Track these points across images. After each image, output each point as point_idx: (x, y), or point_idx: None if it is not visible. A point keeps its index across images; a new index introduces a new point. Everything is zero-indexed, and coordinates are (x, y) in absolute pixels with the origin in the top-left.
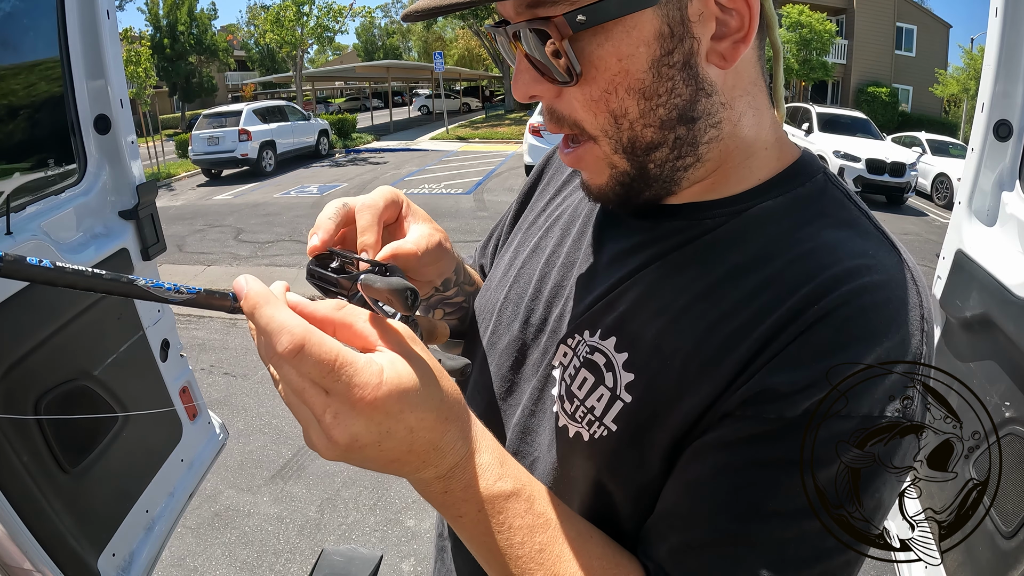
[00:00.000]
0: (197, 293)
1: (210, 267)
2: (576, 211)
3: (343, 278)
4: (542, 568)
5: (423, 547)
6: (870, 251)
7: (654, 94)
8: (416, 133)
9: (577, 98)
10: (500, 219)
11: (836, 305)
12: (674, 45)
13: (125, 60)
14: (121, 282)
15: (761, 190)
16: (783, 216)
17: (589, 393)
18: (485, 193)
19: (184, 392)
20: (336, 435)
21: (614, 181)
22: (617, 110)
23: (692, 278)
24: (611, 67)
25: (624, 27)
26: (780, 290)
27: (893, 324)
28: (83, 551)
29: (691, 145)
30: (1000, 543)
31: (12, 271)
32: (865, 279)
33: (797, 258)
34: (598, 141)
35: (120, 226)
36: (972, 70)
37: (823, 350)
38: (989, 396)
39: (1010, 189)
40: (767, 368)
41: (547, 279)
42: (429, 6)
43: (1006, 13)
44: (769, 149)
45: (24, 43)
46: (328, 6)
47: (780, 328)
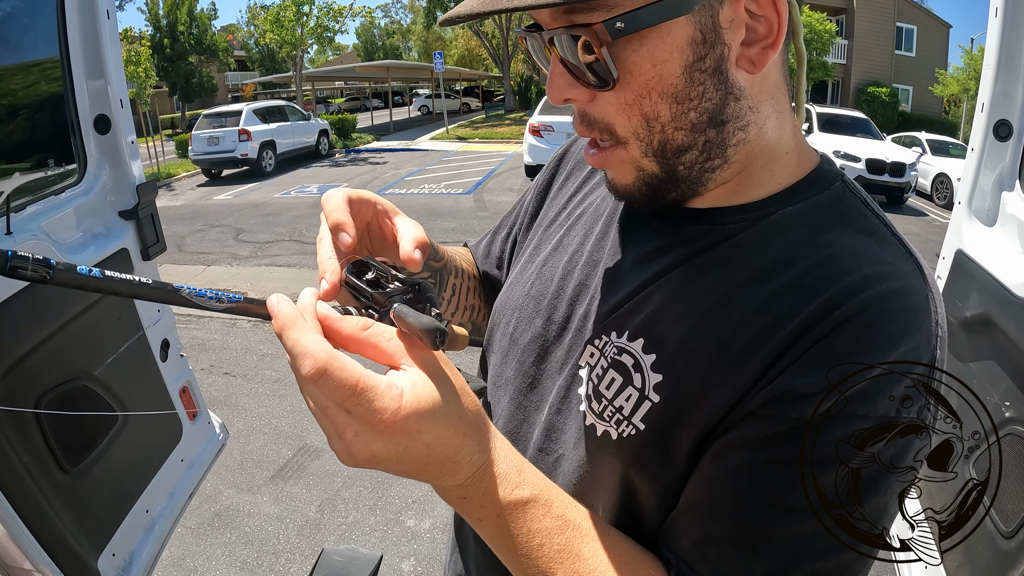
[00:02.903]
0: (237, 301)
1: (210, 267)
2: (599, 209)
3: (378, 294)
4: (561, 567)
5: (423, 547)
6: (887, 258)
7: (686, 98)
8: (416, 133)
9: (611, 102)
10: (513, 210)
11: (855, 311)
12: (706, 51)
13: (125, 60)
14: (167, 290)
15: (782, 196)
16: (803, 223)
17: (617, 393)
18: (485, 193)
19: (184, 392)
20: (356, 451)
21: (641, 182)
22: (650, 113)
23: (715, 282)
24: (646, 72)
25: (659, 33)
26: (801, 295)
27: (909, 330)
28: (83, 551)
29: (720, 148)
30: (1000, 543)
31: (63, 280)
32: (883, 286)
33: (817, 264)
34: (628, 144)
35: (120, 226)
36: (972, 70)
37: (842, 354)
38: (989, 396)
39: (1010, 189)
40: (789, 371)
41: (570, 277)
42: (471, 11)
43: (1006, 13)
44: (790, 153)
45: (24, 43)
46: (328, 6)
47: (801, 332)
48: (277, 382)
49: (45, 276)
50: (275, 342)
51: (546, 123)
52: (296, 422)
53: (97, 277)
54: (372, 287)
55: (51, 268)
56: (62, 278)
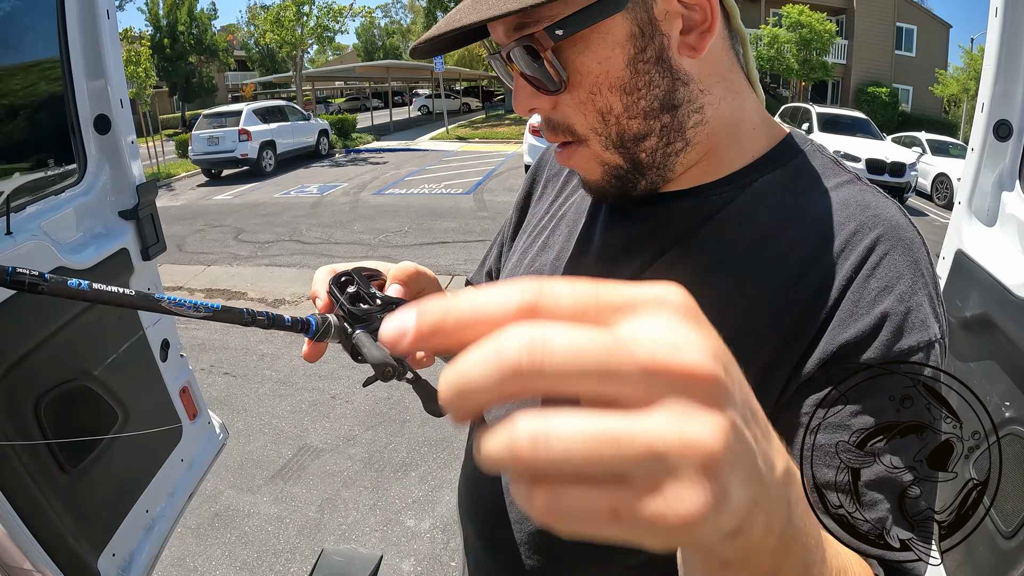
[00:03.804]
0: (215, 310)
1: (210, 267)
2: (579, 208)
3: (354, 310)
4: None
5: (423, 547)
6: (872, 203)
7: (634, 88)
8: (416, 133)
9: (568, 104)
10: (500, 230)
11: (863, 258)
12: (646, 43)
13: (125, 60)
14: (147, 299)
15: (757, 165)
16: (783, 186)
17: None
18: (485, 193)
19: (184, 392)
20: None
21: (608, 175)
22: (603, 108)
23: (715, 256)
24: (593, 70)
25: (599, 33)
26: (809, 251)
27: (912, 261)
28: (83, 551)
29: (678, 131)
30: (1000, 543)
31: (55, 291)
32: (880, 230)
33: (813, 221)
34: (588, 141)
35: (120, 226)
36: (972, 70)
37: (871, 298)
38: (989, 396)
39: (1010, 189)
40: (830, 330)
41: (557, 274)
42: (431, 36)
43: (1006, 13)
44: (757, 128)
45: (24, 43)
46: (328, 6)
47: (820, 291)
48: (277, 382)
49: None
50: (275, 342)
51: None
52: (296, 422)
53: (85, 290)
54: (353, 301)
55: (45, 281)
56: (53, 289)
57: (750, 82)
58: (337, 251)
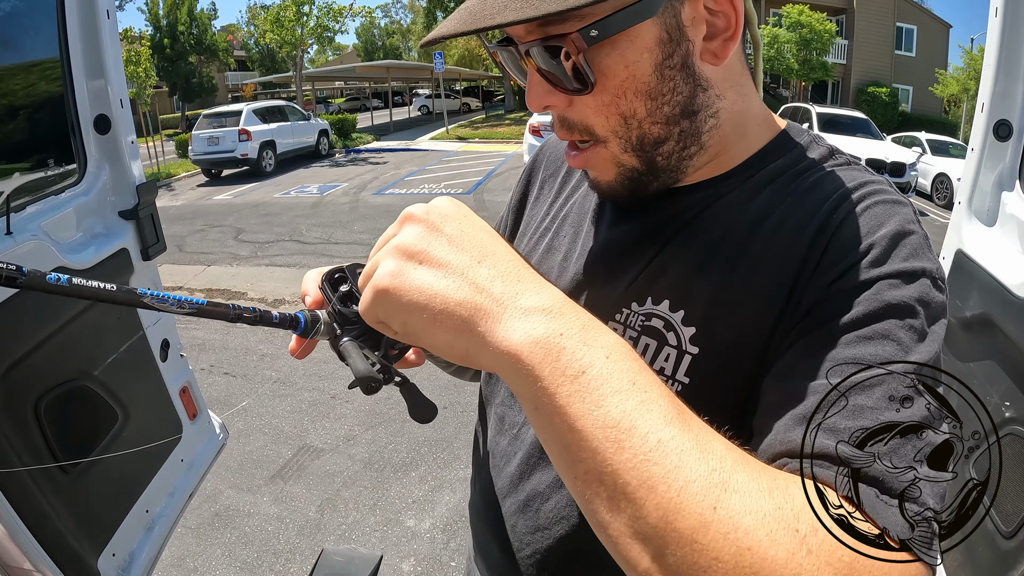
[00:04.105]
0: (200, 305)
1: (210, 267)
2: (583, 207)
3: (344, 311)
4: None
5: (423, 547)
6: (864, 177)
7: (659, 94)
8: (416, 133)
9: (589, 104)
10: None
11: (850, 209)
12: (673, 49)
13: (125, 60)
14: (128, 294)
15: (760, 156)
16: (785, 171)
17: (655, 356)
18: (485, 193)
19: (184, 392)
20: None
21: (623, 177)
22: (627, 112)
23: (720, 233)
24: (619, 74)
25: (629, 37)
26: (801, 217)
27: (894, 212)
28: (83, 551)
29: (694, 136)
30: (1000, 543)
31: (32, 285)
32: (867, 188)
33: (807, 190)
34: (608, 143)
35: (120, 226)
36: (972, 70)
37: (855, 242)
38: (989, 396)
39: (1010, 189)
40: (817, 272)
41: (566, 274)
42: (453, 31)
43: (1006, 13)
44: (760, 125)
45: (24, 43)
46: (328, 6)
47: (812, 243)
48: (277, 382)
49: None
50: (275, 342)
51: (546, 123)
52: (296, 422)
53: (64, 284)
54: (345, 301)
55: (23, 275)
56: (30, 283)
57: (756, 83)
58: (337, 251)
